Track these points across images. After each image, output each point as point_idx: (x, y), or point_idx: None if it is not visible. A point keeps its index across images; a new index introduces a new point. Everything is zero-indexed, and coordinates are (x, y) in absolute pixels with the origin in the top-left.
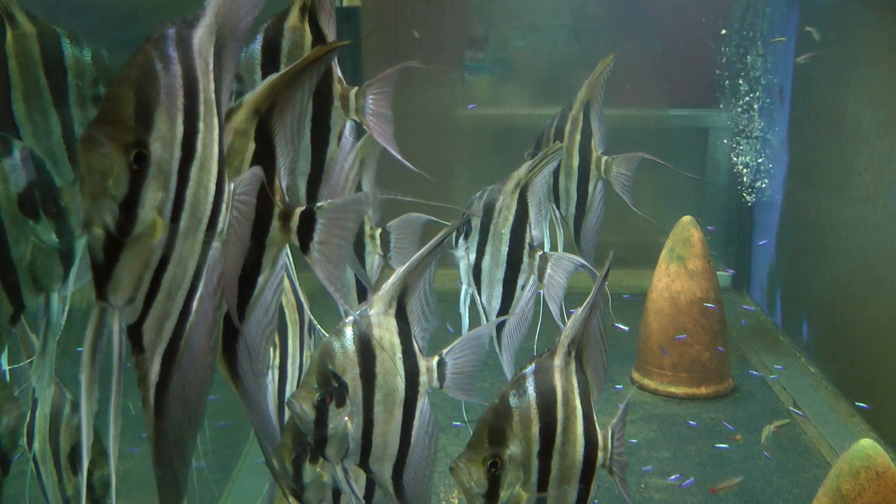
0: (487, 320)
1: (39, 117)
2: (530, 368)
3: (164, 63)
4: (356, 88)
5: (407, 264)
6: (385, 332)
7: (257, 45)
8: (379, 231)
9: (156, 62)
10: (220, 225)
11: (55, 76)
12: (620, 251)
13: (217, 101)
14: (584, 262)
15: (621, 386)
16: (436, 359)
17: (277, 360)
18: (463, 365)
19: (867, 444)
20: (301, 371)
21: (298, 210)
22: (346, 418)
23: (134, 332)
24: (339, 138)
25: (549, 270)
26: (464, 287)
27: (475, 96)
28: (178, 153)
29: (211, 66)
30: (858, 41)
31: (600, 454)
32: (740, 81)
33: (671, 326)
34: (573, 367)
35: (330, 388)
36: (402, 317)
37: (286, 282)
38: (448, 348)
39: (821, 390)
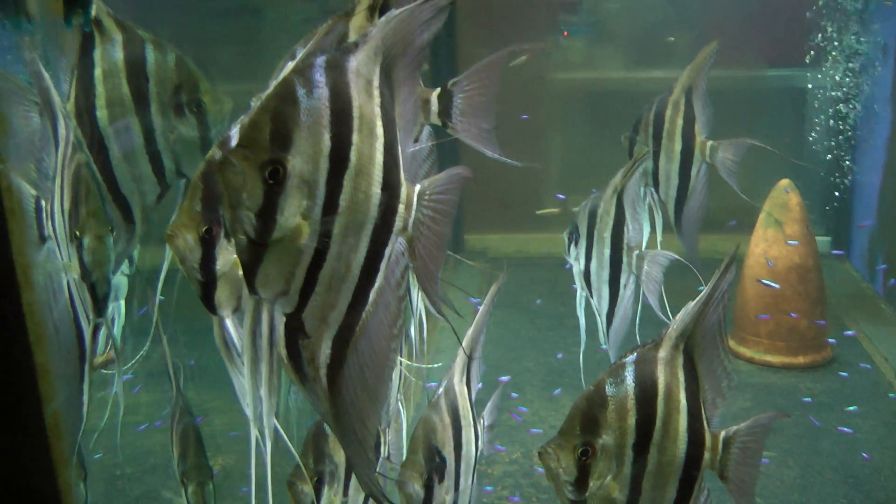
0: (601, 321)
1: (122, 126)
2: (630, 357)
3: (308, 88)
4: (438, 90)
5: (470, 334)
6: (464, 400)
7: None
8: None
9: (297, 88)
10: (398, 223)
11: (137, 84)
12: (716, 216)
13: (383, 114)
14: (676, 256)
15: None
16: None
17: None
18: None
19: None
20: None
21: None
22: (445, 495)
23: (295, 320)
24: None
25: (645, 267)
26: (578, 291)
27: (569, 60)
28: (325, 165)
29: (375, 84)
30: None
31: (707, 455)
32: (841, 39)
33: (768, 293)
34: (680, 360)
35: (434, 465)
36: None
37: None
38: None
39: None
